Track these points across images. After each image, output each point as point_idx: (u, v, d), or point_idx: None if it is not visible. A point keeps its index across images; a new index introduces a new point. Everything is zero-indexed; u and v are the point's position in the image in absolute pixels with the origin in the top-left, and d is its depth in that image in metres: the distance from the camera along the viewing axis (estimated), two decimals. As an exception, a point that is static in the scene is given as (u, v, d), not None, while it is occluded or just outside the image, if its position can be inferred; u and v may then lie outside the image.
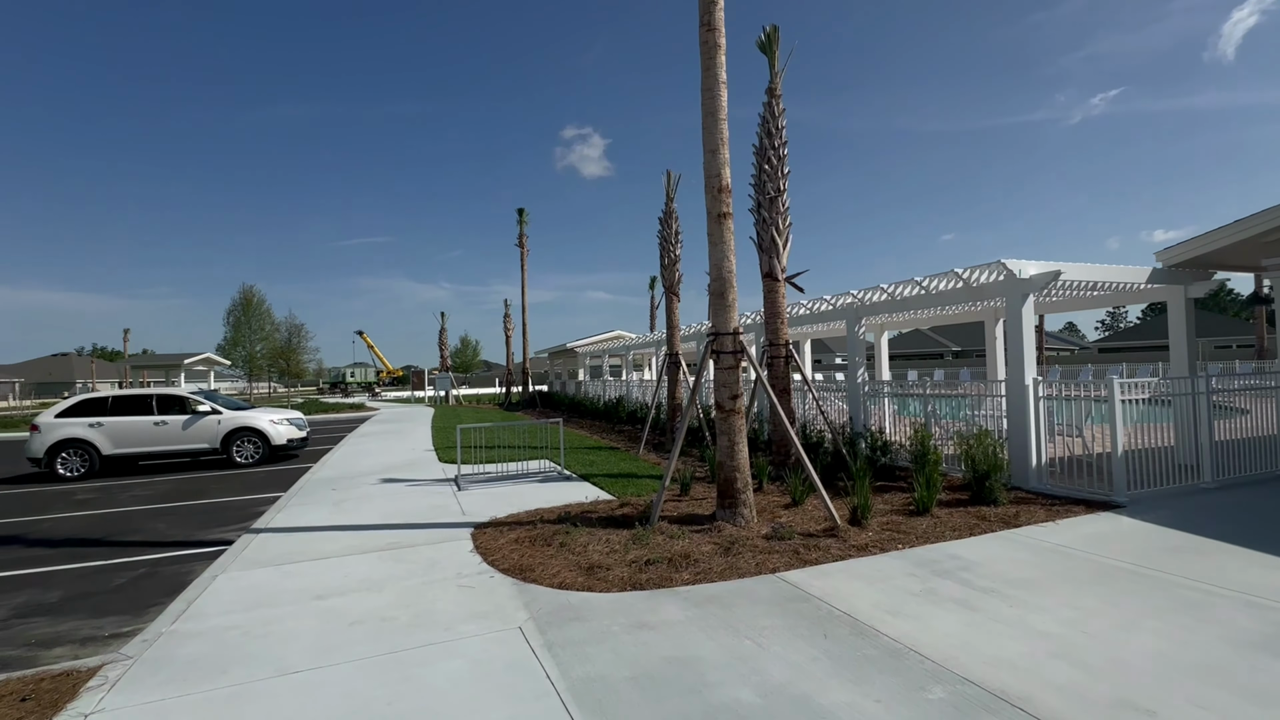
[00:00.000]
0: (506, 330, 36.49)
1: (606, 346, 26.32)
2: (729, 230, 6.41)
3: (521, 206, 32.08)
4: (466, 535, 6.49)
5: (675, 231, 13.20)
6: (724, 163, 6.39)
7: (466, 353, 72.97)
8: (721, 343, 6.45)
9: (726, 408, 6.45)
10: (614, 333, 30.00)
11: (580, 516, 6.93)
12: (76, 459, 12.27)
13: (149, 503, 9.60)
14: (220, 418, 13.14)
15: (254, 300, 41.85)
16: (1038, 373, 7.74)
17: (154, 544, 7.15)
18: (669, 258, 13.10)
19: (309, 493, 9.29)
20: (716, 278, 6.44)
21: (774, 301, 9.07)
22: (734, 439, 6.44)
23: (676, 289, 13.09)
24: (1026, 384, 7.47)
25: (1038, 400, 7.47)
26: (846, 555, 5.32)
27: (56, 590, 5.66)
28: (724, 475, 6.45)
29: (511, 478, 9.73)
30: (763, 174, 9.11)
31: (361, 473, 10.99)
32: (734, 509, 6.38)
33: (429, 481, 9.85)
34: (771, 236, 8.98)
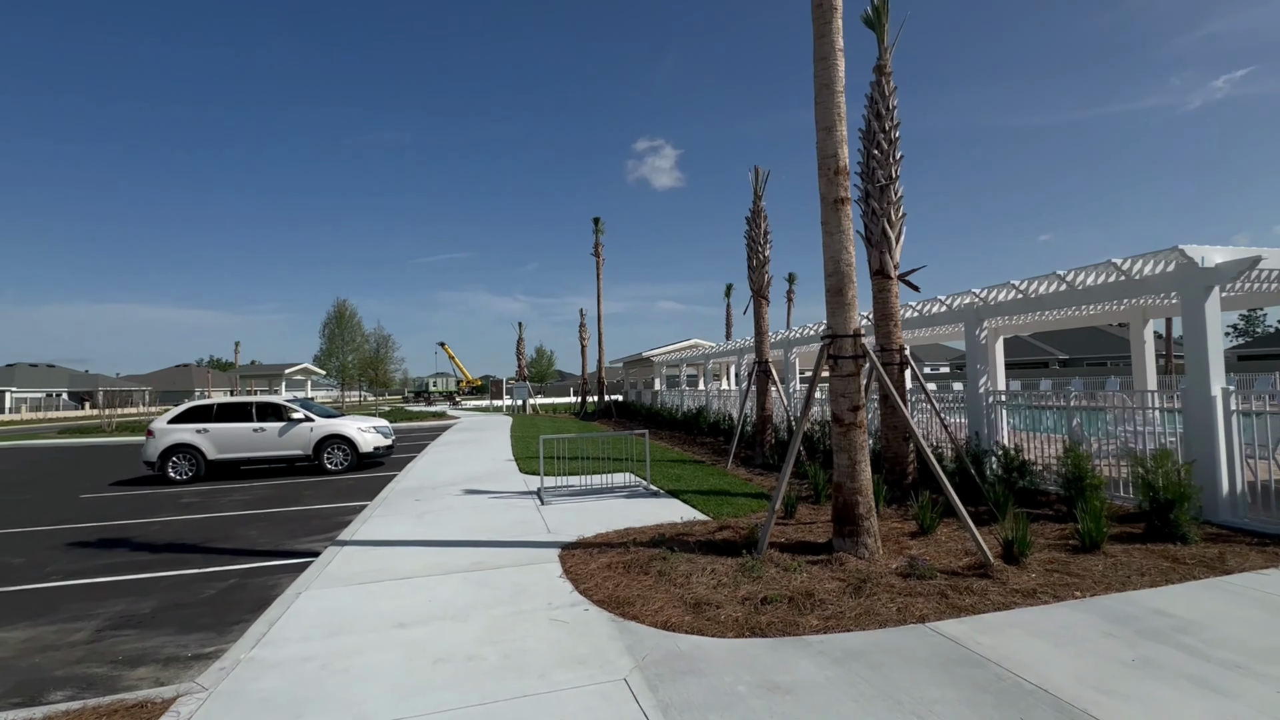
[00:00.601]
0: (582, 340, 36.58)
1: (683, 355, 25.64)
2: (847, 218, 5.60)
3: (597, 216, 32.10)
4: (554, 557, 5.97)
5: (764, 231, 12.39)
6: (841, 141, 5.60)
7: (541, 363, 74.41)
8: (840, 346, 5.63)
9: (846, 420, 5.61)
10: (690, 341, 29.29)
11: (676, 539, 6.26)
12: (185, 463, 12.86)
13: (245, 508, 9.77)
14: (313, 425, 13.46)
15: (346, 313, 44.14)
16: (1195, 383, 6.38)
17: (246, 553, 7.09)
18: (757, 259, 12.30)
19: (393, 503, 9.14)
20: (834, 272, 5.64)
21: (885, 302, 8.10)
22: (855, 457, 5.59)
23: (765, 292, 12.26)
24: (1213, 395, 6.16)
25: (1229, 415, 6.13)
26: (1010, 603, 4.36)
27: (151, 599, 5.58)
28: (843, 498, 5.60)
29: (595, 492, 9.21)
30: (871, 160, 8.20)
31: (444, 483, 10.82)
32: (855, 538, 5.51)
33: (511, 494, 9.49)
34: (882, 229, 8.04)
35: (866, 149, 8.29)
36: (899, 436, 8.00)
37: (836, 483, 5.70)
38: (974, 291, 9.10)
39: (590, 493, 9.18)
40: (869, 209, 8.19)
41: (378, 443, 13.97)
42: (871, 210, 8.14)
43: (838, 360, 5.65)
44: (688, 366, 25.95)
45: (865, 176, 8.28)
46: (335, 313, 44.38)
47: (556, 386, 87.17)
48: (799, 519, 7.07)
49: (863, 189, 8.33)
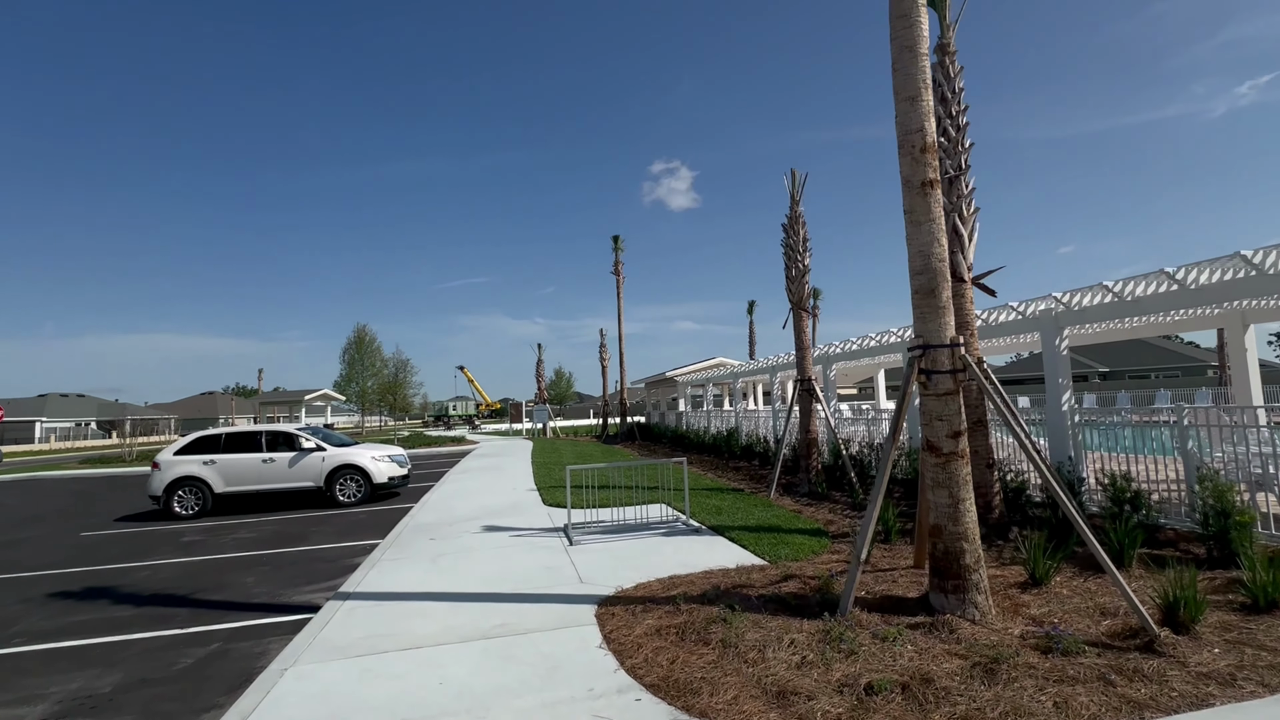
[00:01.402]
0: (602, 360, 35.74)
1: (709, 374, 24.65)
2: (937, 203, 4.66)
3: (617, 234, 31.49)
4: (590, 615, 4.99)
5: (803, 239, 11.47)
6: (926, 112, 4.68)
7: (561, 384, 73.80)
8: (935, 359, 4.64)
9: (945, 449, 4.60)
10: (714, 359, 28.29)
11: (734, 593, 5.25)
12: (191, 497, 12.14)
13: (247, 548, 8.94)
14: (324, 455, 12.69)
15: (366, 338, 44.01)
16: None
17: (237, 607, 6.22)
18: (796, 269, 11.37)
19: (406, 543, 8.24)
20: (923, 269, 4.68)
21: (960, 308, 7.09)
22: (958, 493, 4.56)
23: (806, 304, 11.29)
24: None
25: None
26: (1204, 694, 3.28)
27: (117, 672, 4.71)
28: (944, 545, 4.57)
29: (628, 529, 8.21)
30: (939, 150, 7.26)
31: (462, 518, 9.91)
32: (962, 594, 4.46)
33: (535, 531, 8.54)
34: (954, 226, 7.07)
35: (930, 138, 7.37)
36: (981, 463, 6.93)
37: (934, 525, 4.66)
38: (1054, 295, 8.04)
39: (623, 530, 8.19)
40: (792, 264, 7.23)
41: (392, 472, 13.15)
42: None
43: (931, 376, 4.66)
44: (713, 386, 24.93)
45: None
46: (355, 338, 44.30)
47: (575, 408, 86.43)
48: (876, 565, 6.01)
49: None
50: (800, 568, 6.01)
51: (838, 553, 6.61)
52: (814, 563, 6.22)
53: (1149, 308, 7.32)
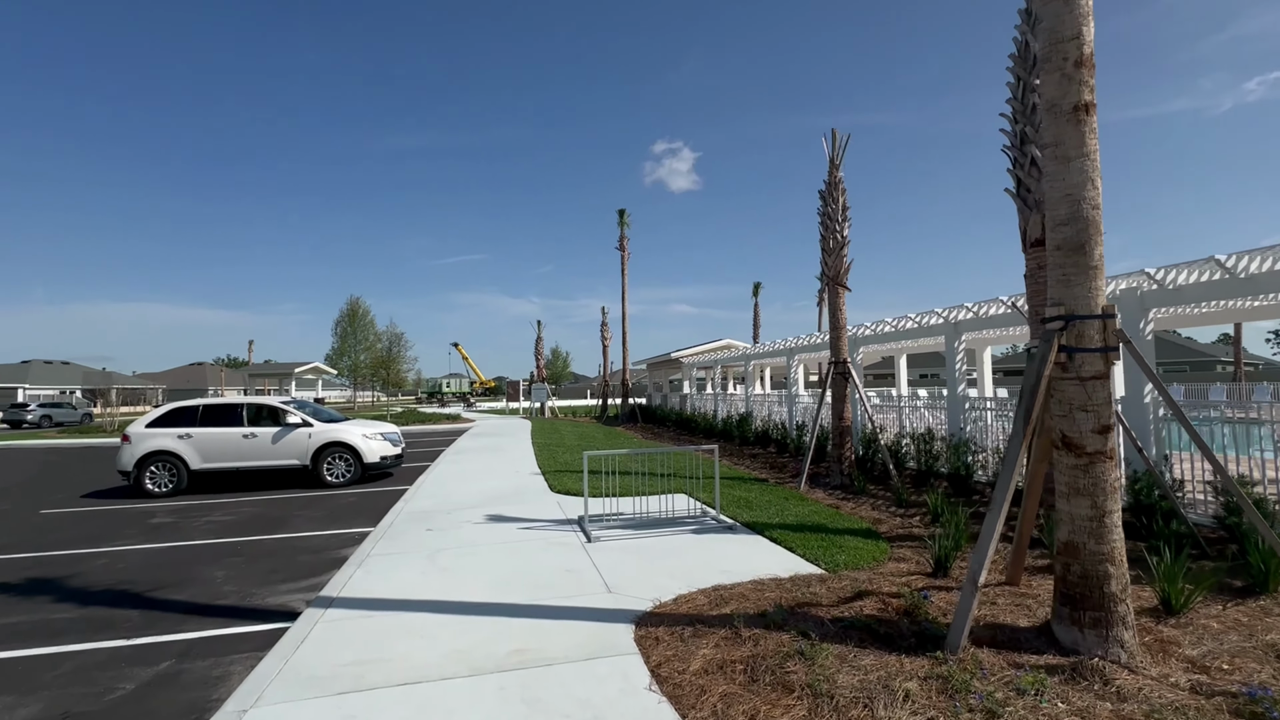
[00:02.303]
0: (604, 339, 34.67)
1: (717, 356, 23.67)
2: (1093, 134, 3.64)
3: (622, 208, 30.25)
4: (628, 638, 4.06)
5: (843, 206, 10.42)
6: (1085, 14, 3.64)
7: (557, 364, 72.71)
8: (1080, 332, 3.66)
9: (1089, 447, 3.64)
10: (722, 341, 27.32)
11: (800, 613, 4.33)
12: (164, 474, 11.13)
13: (221, 534, 7.96)
14: (311, 431, 11.67)
15: (359, 311, 42.72)
16: None
17: (200, 610, 5.25)
18: (835, 239, 10.34)
19: (400, 533, 7.28)
20: (1071, 218, 3.67)
21: (1042, 283, 6.10)
22: (1102, 504, 3.62)
23: (844, 278, 10.28)
24: None
25: None
26: None
27: (35, 700, 3.75)
28: (1082, 567, 3.63)
29: (652, 525, 7.28)
30: (1025, 97, 6.23)
31: (462, 504, 8.95)
32: (1104, 629, 3.54)
33: (546, 524, 7.59)
34: (1047, 184, 6.06)
35: (1018, 82, 6.32)
36: (1068, 461, 5.99)
37: (1067, 542, 3.72)
38: (1146, 271, 7.06)
39: (646, 525, 7.25)
40: (1025, 158, 6.21)
41: (385, 451, 12.16)
42: (1029, 159, 6.16)
43: (1073, 355, 3.68)
44: (721, 369, 24.00)
45: (1018, 117, 6.31)
46: (348, 310, 42.97)
47: (571, 388, 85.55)
48: (954, 577, 5.08)
49: (1013, 130, 6.37)
50: (869, 580, 5.08)
51: (903, 560, 5.69)
52: (879, 573, 5.30)
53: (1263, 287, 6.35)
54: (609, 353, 35.03)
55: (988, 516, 3.81)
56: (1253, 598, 4.40)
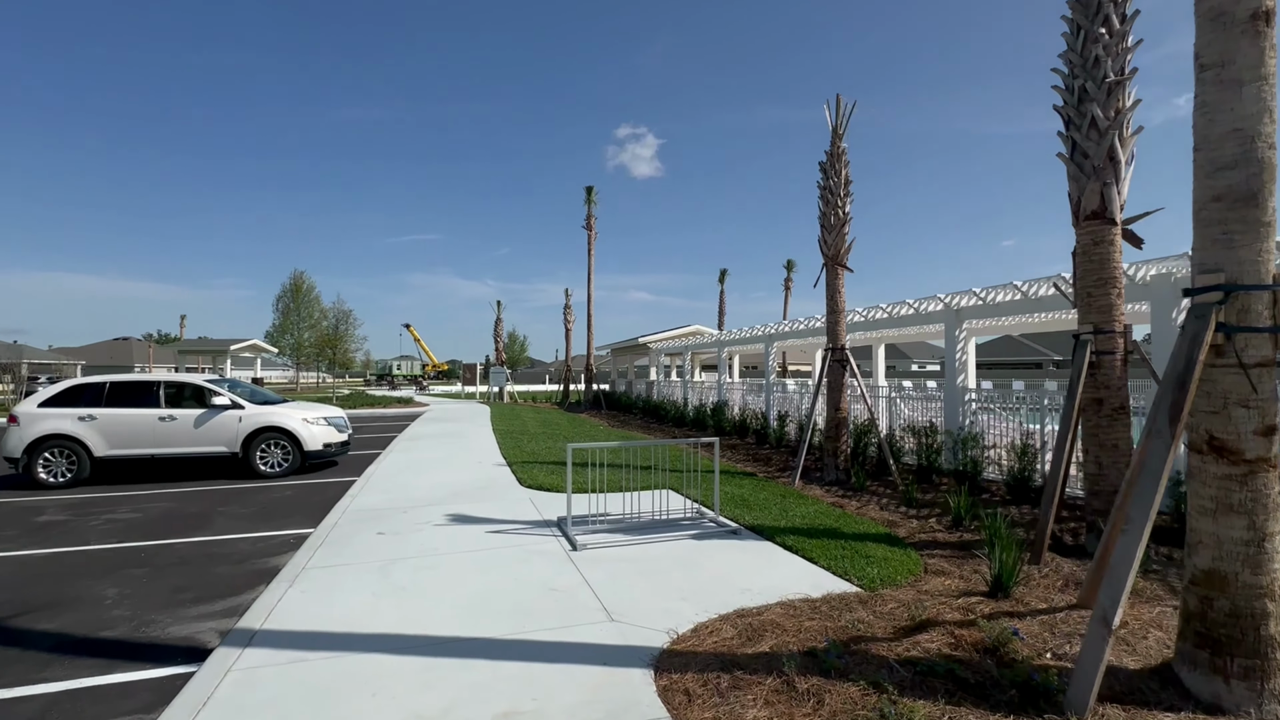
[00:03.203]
0: (566, 322, 33.43)
1: (687, 343, 22.86)
2: (1271, 51, 2.84)
3: (590, 185, 28.95)
4: (648, 690, 3.13)
5: (845, 180, 9.64)
6: (1270, -104, 2.82)
7: (514, 348, 70.79)
8: (1246, 308, 2.88)
9: (1247, 452, 2.89)
10: (692, 327, 26.53)
11: (856, 650, 3.48)
12: (62, 461, 9.53)
13: (122, 537, 6.61)
14: (241, 414, 10.22)
15: (303, 286, 40.09)
16: None
17: (73, 647, 4.03)
18: (836, 215, 9.56)
19: (346, 537, 6.13)
20: (1237, 159, 2.88)
21: (1106, 259, 5.43)
22: (1263, 523, 2.88)
23: (844, 258, 9.52)
24: None
25: None
26: None
27: None
28: (1232, 601, 2.90)
29: (644, 528, 6.36)
30: (1086, 48, 5.49)
31: (419, 501, 7.81)
32: (1260, 681, 2.82)
33: (520, 526, 6.56)
34: (1107, 153, 5.36)
35: (1075, 33, 5.58)
36: (1115, 459, 5.37)
37: (1210, 571, 2.97)
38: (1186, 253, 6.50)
39: (637, 529, 6.32)
40: (1080, 117, 5.49)
41: (329, 438, 10.82)
42: (1089, 120, 5.43)
43: (1233, 334, 2.90)
44: (691, 355, 23.22)
45: (1075, 72, 5.58)
46: (291, 285, 40.21)
47: (528, 374, 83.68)
48: (1022, 599, 4.34)
49: (1069, 85, 5.63)
50: (918, 602, 4.29)
51: (943, 575, 4.94)
52: (925, 592, 4.52)
53: None
54: (572, 336, 33.83)
55: (1123, 539, 3.01)
56: None
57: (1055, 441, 5.42)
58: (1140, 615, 3.97)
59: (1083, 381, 5.41)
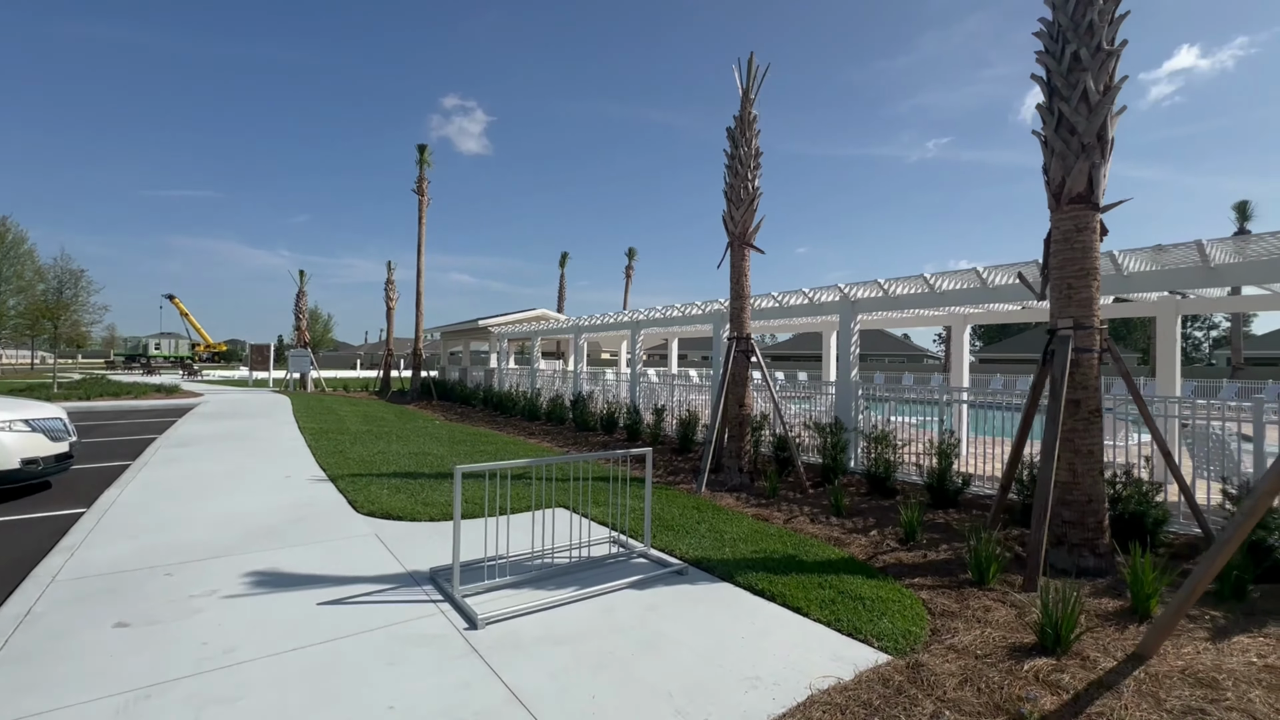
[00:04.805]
0: (389, 299, 29.12)
1: (535, 327, 20.88)
2: None
3: (423, 143, 25.30)
4: None
5: (755, 151, 8.66)
6: None
7: (317, 328, 61.60)
8: None
9: None
10: (537, 311, 24.51)
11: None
12: None
13: None
14: None
15: (6, 236, 30.07)
16: None
17: None
18: (746, 189, 8.54)
19: (54, 638, 3.52)
20: None
21: (1086, 249, 4.96)
22: None
23: (752, 237, 8.56)
24: None
25: None
26: None
27: None
28: None
29: (560, 574, 4.66)
30: (1079, 11, 4.96)
31: (195, 549, 5.17)
32: None
33: (373, 586, 4.44)
34: (1097, 130, 4.86)
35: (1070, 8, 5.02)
36: (1090, 466, 4.96)
37: None
38: (878, 281, 6.48)
39: (550, 576, 4.60)
40: (1070, 90, 4.94)
41: (33, 449, 7.22)
42: (1080, 91, 4.89)
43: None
44: (538, 341, 21.25)
45: (1059, 34, 5.02)
46: (-14, 233, 29.72)
47: (333, 357, 73.90)
48: (1082, 654, 3.51)
49: (1054, 69, 5.06)
50: (972, 672, 3.24)
51: (955, 616, 4.02)
52: (957, 648, 3.53)
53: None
54: (394, 316, 29.66)
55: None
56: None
57: (1043, 449, 4.85)
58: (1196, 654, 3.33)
59: (1066, 381, 4.89)
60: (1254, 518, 3.00)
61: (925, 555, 5.33)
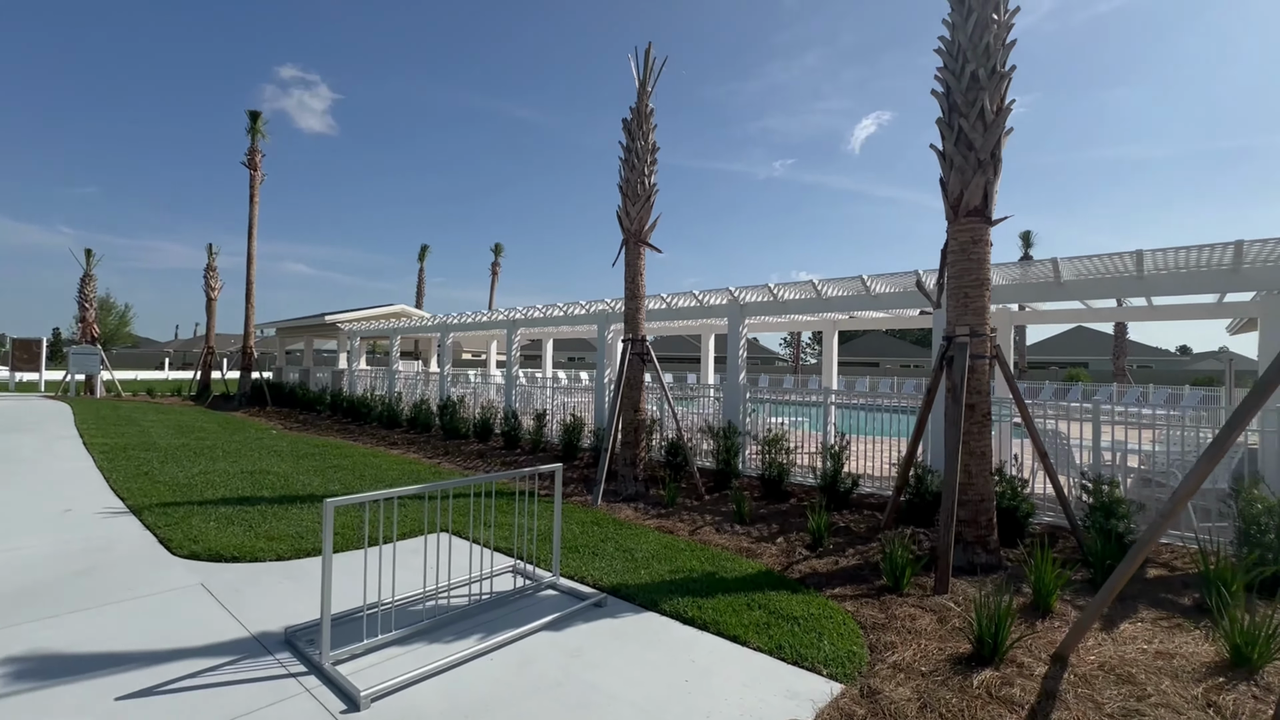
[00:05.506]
0: (210, 289, 24.89)
1: (394, 325, 18.90)
2: None
3: (256, 110, 21.93)
4: None
5: (652, 145, 8.30)
6: None
7: (109, 320, 51.65)
8: None
9: None
10: (395, 307, 22.33)
11: None
12: None
13: None
14: None
15: None
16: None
17: None
18: (643, 184, 8.15)
19: None
20: None
21: (981, 259, 5.22)
22: None
23: (648, 235, 8.20)
24: None
25: None
26: None
27: None
28: None
29: (456, 620, 3.91)
30: (977, 33, 5.20)
31: (-88, 631, 3.64)
32: None
33: (204, 661, 3.36)
34: (992, 147, 5.12)
35: (970, 29, 5.25)
36: (983, 467, 5.22)
37: None
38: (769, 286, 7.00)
39: (445, 624, 3.83)
40: (969, 108, 5.17)
41: None
42: (978, 109, 5.13)
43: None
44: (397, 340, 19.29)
45: (963, 77, 5.23)
46: None
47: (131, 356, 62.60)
48: (1015, 659, 3.51)
49: (954, 87, 5.27)
50: (925, 694, 3.10)
51: (886, 629, 3.92)
52: (900, 666, 3.41)
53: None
54: (216, 308, 25.47)
55: None
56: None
57: (946, 452, 4.98)
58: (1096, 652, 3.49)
59: (966, 385, 5.09)
60: (1170, 519, 3.15)
61: (836, 562, 5.30)
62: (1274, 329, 8.16)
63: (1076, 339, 49.67)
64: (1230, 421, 2.89)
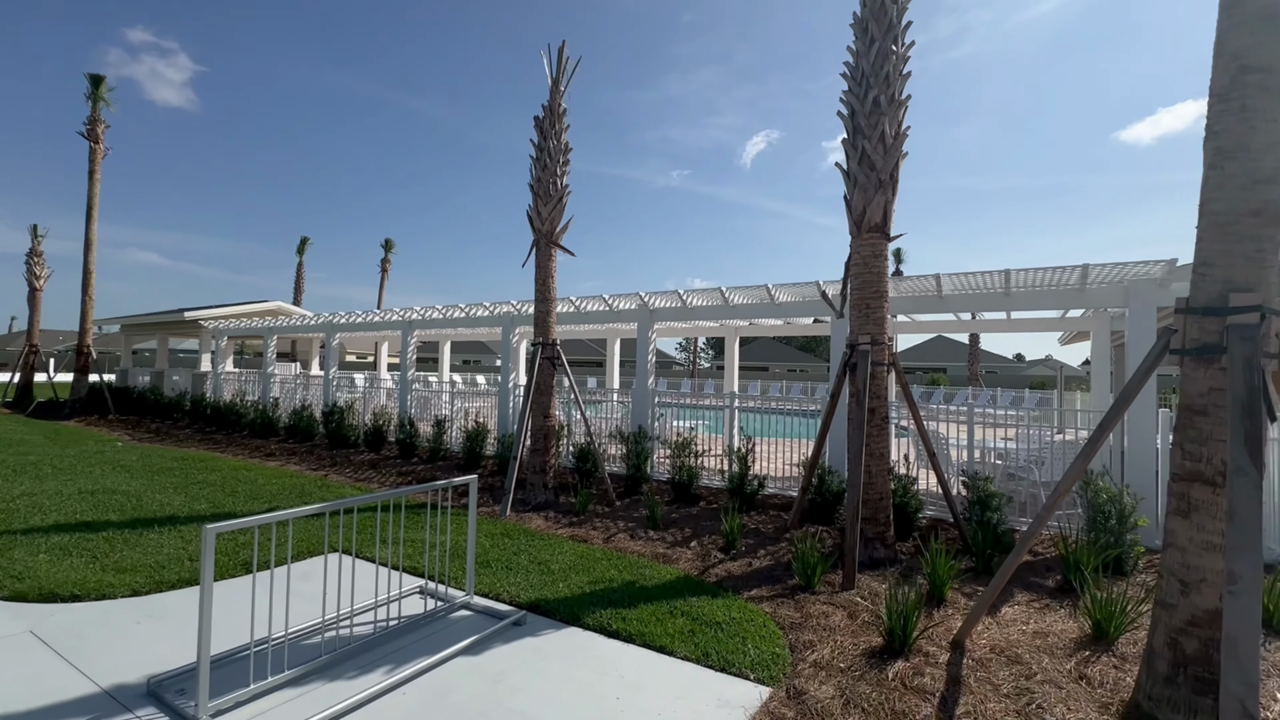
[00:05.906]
0: (33, 278, 21.30)
1: (269, 323, 17.12)
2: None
3: (100, 74, 19.06)
4: None
5: (565, 146, 8.10)
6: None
7: (-109, 311, 42.72)
8: (1269, 331, 2.72)
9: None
10: (271, 304, 20.26)
11: None
12: None
13: None
14: None
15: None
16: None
17: None
18: (555, 185, 7.92)
19: None
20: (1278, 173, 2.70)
21: (881, 275, 5.58)
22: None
23: (560, 237, 7.99)
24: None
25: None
26: None
27: None
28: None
29: (356, 653, 3.54)
30: (879, 62, 5.56)
31: None
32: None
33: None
34: (892, 168, 5.50)
35: (872, 57, 5.60)
36: (882, 467, 5.58)
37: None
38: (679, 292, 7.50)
39: (343, 660, 3.46)
40: (872, 130, 5.51)
41: None
42: (879, 132, 5.48)
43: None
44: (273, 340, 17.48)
45: (866, 102, 5.57)
46: None
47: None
48: (921, 649, 3.74)
49: (858, 110, 5.60)
50: (848, 691, 3.23)
51: (802, 629, 4.05)
52: (820, 664, 3.54)
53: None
54: (41, 300, 21.84)
55: (1236, 603, 2.48)
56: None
57: (850, 453, 5.26)
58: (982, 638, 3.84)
59: (869, 390, 5.41)
60: (1052, 511, 3.51)
61: (750, 564, 5.43)
62: (1104, 339, 9.46)
63: (936, 347, 55.15)
64: (1101, 424, 3.27)
